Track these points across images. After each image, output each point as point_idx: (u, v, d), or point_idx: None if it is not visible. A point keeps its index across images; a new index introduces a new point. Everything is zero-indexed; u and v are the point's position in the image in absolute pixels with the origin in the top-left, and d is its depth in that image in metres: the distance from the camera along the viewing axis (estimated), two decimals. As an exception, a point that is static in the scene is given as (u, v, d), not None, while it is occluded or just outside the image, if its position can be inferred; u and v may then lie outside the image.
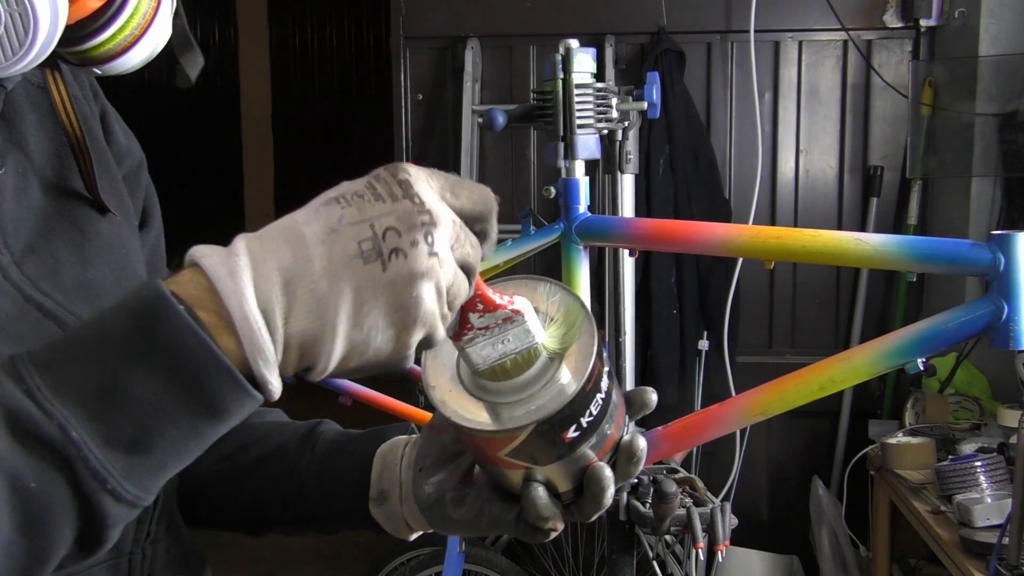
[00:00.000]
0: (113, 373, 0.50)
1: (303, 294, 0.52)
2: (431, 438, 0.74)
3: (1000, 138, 2.61)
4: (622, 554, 1.75)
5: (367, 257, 0.52)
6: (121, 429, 0.50)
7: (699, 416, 1.04)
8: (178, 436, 0.52)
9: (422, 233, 0.53)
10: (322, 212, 0.53)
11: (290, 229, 0.53)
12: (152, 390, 0.50)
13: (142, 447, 0.51)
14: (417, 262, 0.52)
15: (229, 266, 0.52)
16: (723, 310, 2.86)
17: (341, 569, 3.63)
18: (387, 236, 0.52)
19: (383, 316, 0.53)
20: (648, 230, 1.29)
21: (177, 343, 0.50)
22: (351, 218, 0.53)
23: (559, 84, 1.40)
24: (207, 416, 0.52)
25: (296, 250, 0.52)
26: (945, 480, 2.09)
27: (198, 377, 0.51)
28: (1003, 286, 0.93)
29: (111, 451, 0.50)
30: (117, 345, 0.50)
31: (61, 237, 0.72)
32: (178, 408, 0.51)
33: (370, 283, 0.52)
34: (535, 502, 0.63)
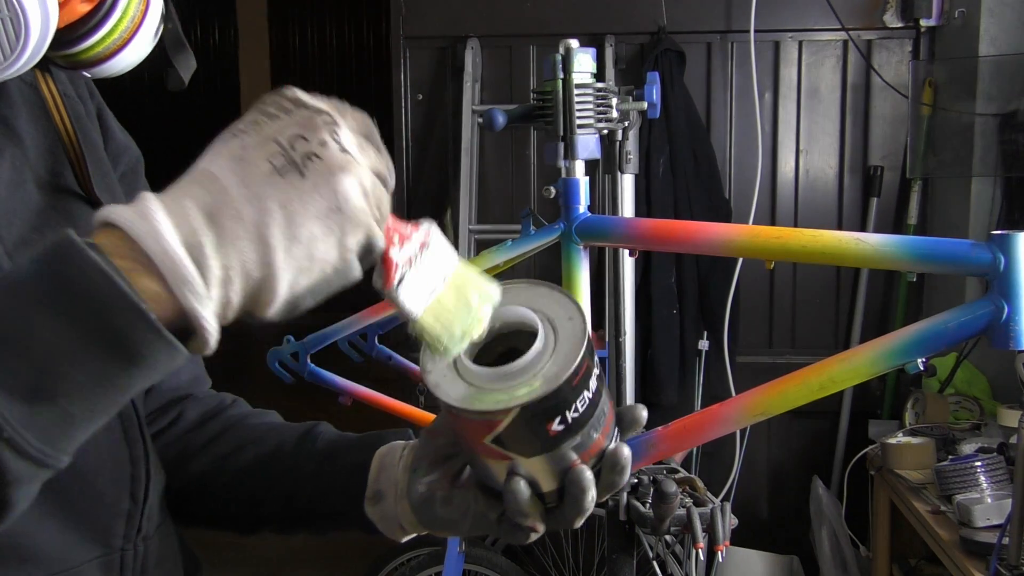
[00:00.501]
0: (14, 318, 0.47)
1: (229, 223, 0.50)
2: (428, 441, 0.74)
3: (1000, 138, 2.61)
4: (622, 554, 1.75)
5: (283, 170, 0.51)
6: (19, 374, 0.47)
7: (699, 416, 1.04)
8: (85, 382, 0.48)
9: (327, 132, 0.52)
10: (223, 148, 0.52)
11: (196, 171, 0.52)
12: (55, 332, 0.47)
13: (43, 393, 0.47)
14: (333, 159, 0.51)
15: (140, 210, 0.50)
16: (723, 310, 2.86)
17: (341, 569, 3.62)
18: (295, 144, 0.51)
19: (318, 222, 0.51)
20: (648, 230, 1.29)
21: (83, 283, 0.47)
22: (253, 142, 0.51)
23: (559, 84, 1.40)
24: (117, 359, 0.49)
25: (208, 185, 0.51)
26: (945, 480, 2.09)
27: (105, 316, 0.48)
28: (1003, 286, 0.93)
29: (8, 398, 0.47)
30: (21, 290, 0.48)
31: (54, 231, 0.71)
32: (83, 351, 0.48)
33: (294, 193, 0.50)
34: (516, 495, 0.63)
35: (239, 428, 0.89)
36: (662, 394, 2.83)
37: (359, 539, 2.72)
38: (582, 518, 0.65)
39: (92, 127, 0.84)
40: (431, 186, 3.16)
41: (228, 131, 0.53)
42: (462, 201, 2.87)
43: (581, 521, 0.65)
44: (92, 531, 0.71)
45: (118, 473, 0.74)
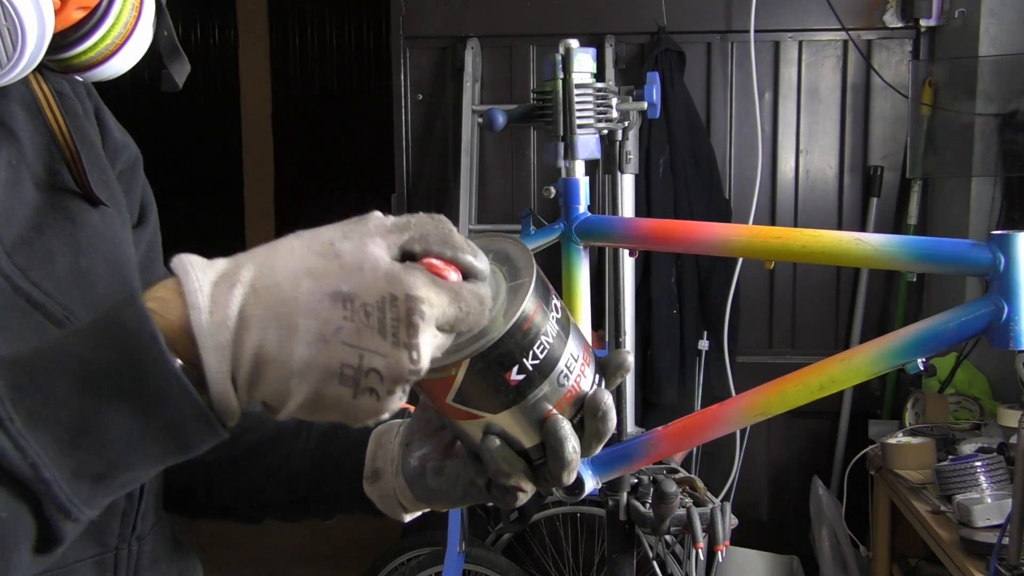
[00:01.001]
0: (90, 410, 0.49)
1: (270, 378, 0.52)
2: (420, 415, 0.75)
3: (1000, 138, 2.61)
4: (622, 554, 1.75)
5: (343, 380, 0.52)
6: (91, 465, 0.50)
7: (699, 416, 1.04)
8: (146, 469, 0.53)
9: (403, 386, 0.53)
10: (324, 308, 0.51)
11: (286, 306, 0.51)
12: (129, 430, 0.50)
13: (108, 479, 0.52)
14: (384, 407, 0.53)
15: (217, 320, 0.51)
16: (723, 310, 2.86)
17: (341, 569, 3.62)
18: (369, 375, 0.52)
19: (334, 416, 0.54)
20: (648, 230, 1.29)
21: (162, 389, 0.50)
22: (347, 337, 0.51)
23: (559, 84, 1.40)
24: (177, 453, 0.53)
25: (283, 338, 0.51)
26: (945, 480, 2.09)
27: (177, 422, 0.51)
28: (1003, 286, 0.93)
29: (78, 484, 0.50)
30: (97, 379, 0.50)
31: (53, 228, 0.72)
32: (151, 447, 0.52)
33: (335, 399, 0.52)
34: (490, 452, 0.61)
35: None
36: (662, 394, 2.83)
37: (359, 539, 2.73)
38: (569, 472, 0.62)
39: (89, 125, 0.84)
40: (431, 186, 3.16)
41: (349, 286, 0.52)
42: (462, 201, 2.87)
43: (570, 476, 0.63)
44: (86, 530, 0.71)
45: None
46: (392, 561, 2.84)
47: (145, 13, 0.76)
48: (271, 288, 0.52)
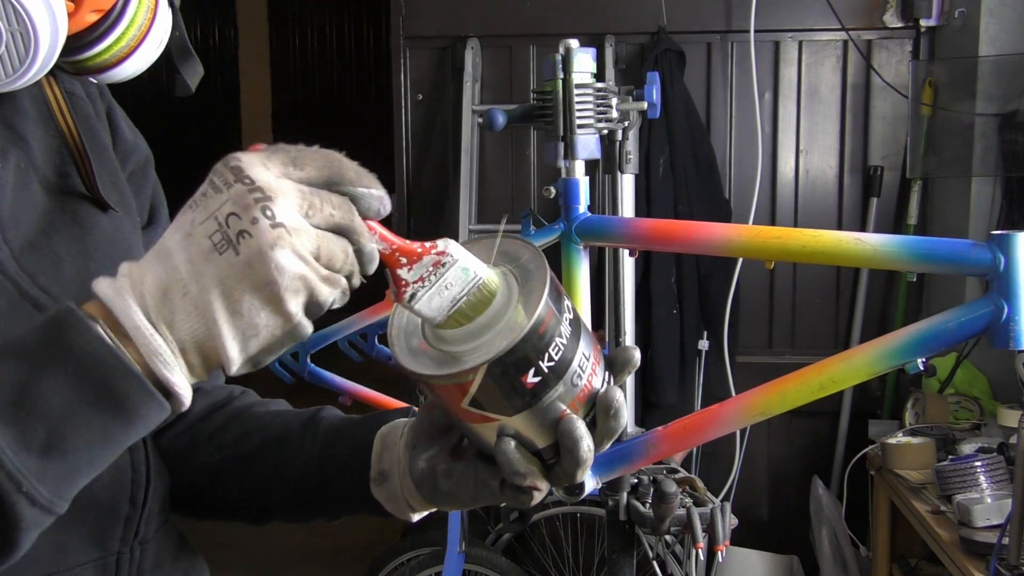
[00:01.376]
0: (27, 380, 0.52)
1: (178, 300, 0.55)
2: (425, 416, 0.74)
3: (1000, 138, 2.61)
4: (622, 554, 1.75)
5: (220, 247, 0.55)
6: (34, 432, 0.52)
7: (699, 416, 1.04)
8: (90, 438, 0.54)
9: (259, 209, 0.54)
10: (180, 221, 0.57)
11: (160, 245, 0.57)
12: (64, 394, 0.53)
13: (55, 450, 0.53)
14: (262, 236, 0.54)
15: (115, 288, 0.55)
16: (723, 310, 2.86)
17: (341, 569, 3.62)
18: (230, 222, 0.54)
19: (255, 294, 0.55)
20: (648, 230, 1.29)
21: (88, 350, 0.53)
22: (200, 217, 0.55)
23: (559, 84, 1.40)
24: (118, 418, 0.54)
25: (164, 262, 0.56)
26: (945, 480, 2.09)
27: (108, 381, 0.53)
28: (1003, 286, 0.93)
29: (25, 454, 0.52)
30: (30, 354, 0.53)
31: (62, 233, 0.73)
32: (90, 411, 0.53)
33: (230, 270, 0.54)
34: (507, 456, 0.63)
35: (245, 417, 0.89)
36: (662, 394, 2.83)
37: (359, 539, 2.73)
38: (583, 470, 0.64)
39: (101, 127, 0.84)
40: (431, 186, 3.16)
41: (191, 199, 0.57)
42: (462, 201, 2.87)
43: (583, 473, 0.64)
44: (89, 534, 0.72)
45: (118, 477, 0.74)
46: (392, 561, 2.84)
47: (160, 15, 0.76)
48: (151, 251, 0.57)
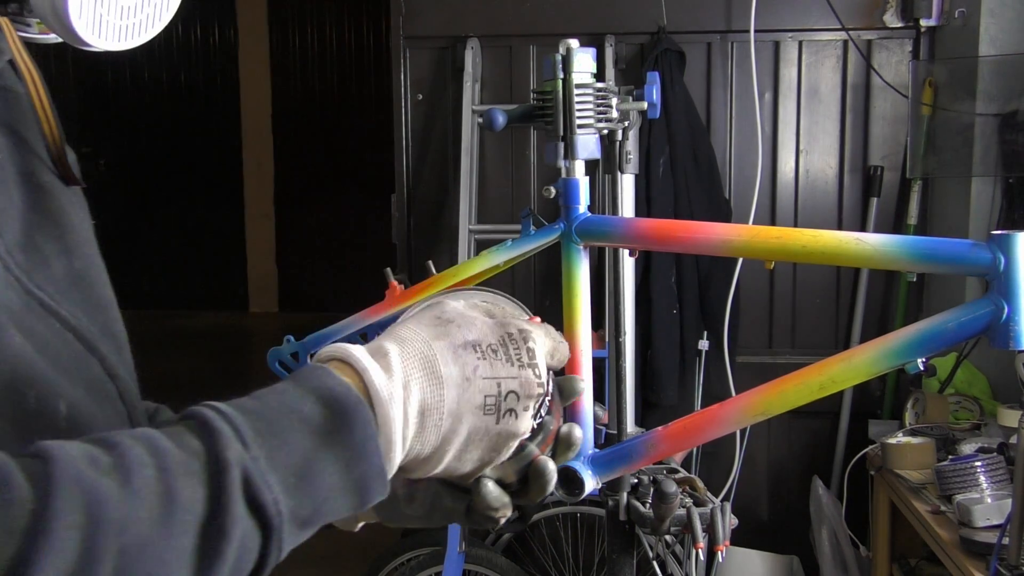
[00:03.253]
0: (311, 458, 0.56)
1: (430, 425, 0.61)
2: None
3: (1000, 138, 2.61)
4: (622, 554, 1.75)
5: (488, 410, 0.63)
6: (304, 509, 0.56)
7: (699, 416, 1.04)
8: (333, 516, 0.59)
9: (534, 403, 0.65)
10: (460, 357, 0.63)
11: (431, 363, 0.62)
12: (333, 479, 0.57)
13: (308, 526, 0.57)
14: (522, 425, 0.64)
15: (389, 391, 0.60)
16: (723, 310, 2.86)
17: (341, 569, 3.62)
18: (508, 397, 0.63)
19: (480, 453, 0.64)
20: (648, 230, 1.29)
21: (363, 446, 0.58)
22: (484, 372, 0.63)
23: (559, 84, 1.40)
24: (358, 505, 0.60)
25: (434, 387, 0.62)
26: (945, 480, 2.09)
27: (366, 480, 0.59)
28: (1003, 286, 0.93)
29: (292, 524, 0.55)
30: (318, 432, 0.57)
31: (41, 231, 0.69)
32: (343, 498, 0.58)
33: (483, 430, 0.63)
34: (487, 497, 0.69)
35: None
36: (662, 394, 2.83)
37: (359, 539, 2.73)
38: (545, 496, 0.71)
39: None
40: (431, 186, 3.16)
41: (473, 337, 0.64)
42: (462, 201, 2.87)
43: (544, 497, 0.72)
44: None
45: None
46: (392, 561, 2.84)
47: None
48: (413, 353, 0.62)
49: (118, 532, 0.47)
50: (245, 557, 0.53)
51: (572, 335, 1.38)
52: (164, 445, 0.51)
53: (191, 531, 0.50)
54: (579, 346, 1.39)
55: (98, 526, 0.46)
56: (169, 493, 0.49)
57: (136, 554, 0.47)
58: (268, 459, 0.54)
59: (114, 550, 0.46)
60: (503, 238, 1.48)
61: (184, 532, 0.50)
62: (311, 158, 7.66)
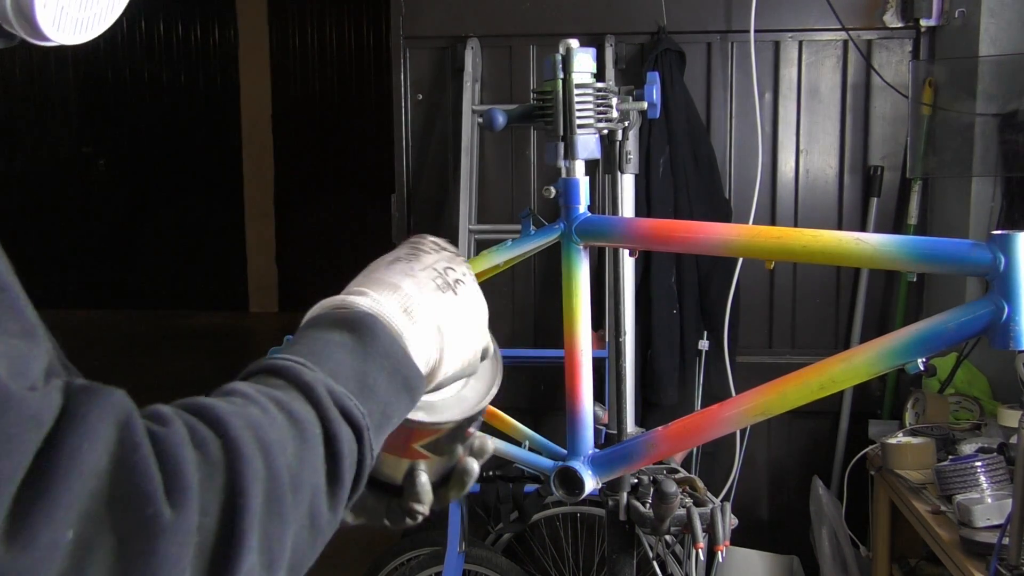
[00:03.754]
0: (362, 371, 0.65)
1: (420, 318, 0.70)
2: None
3: (1000, 138, 2.61)
4: (622, 554, 1.75)
5: (442, 288, 0.72)
6: (374, 414, 0.64)
7: (699, 416, 1.04)
8: (397, 417, 0.68)
9: (465, 267, 0.75)
10: (393, 267, 0.73)
11: (376, 280, 0.72)
12: (386, 384, 0.66)
13: (383, 427, 0.66)
14: (472, 285, 0.75)
15: (379, 305, 0.70)
16: (723, 310, 2.86)
17: (341, 569, 3.62)
18: (447, 273, 0.73)
19: (470, 330, 0.74)
20: (648, 230, 1.29)
21: (396, 355, 0.67)
22: (419, 267, 0.73)
23: (559, 84, 1.40)
24: (412, 400, 0.69)
25: (395, 291, 0.71)
26: (945, 480, 2.09)
27: (409, 377, 0.68)
28: (1003, 286, 0.93)
29: (374, 429, 0.63)
30: (357, 351, 0.65)
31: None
32: (401, 396, 0.67)
33: (453, 307, 0.72)
34: (422, 488, 0.78)
35: None
36: (662, 394, 2.83)
37: (359, 539, 2.72)
38: (461, 495, 0.81)
39: None
40: (431, 186, 3.16)
41: (393, 255, 0.75)
42: (462, 201, 2.87)
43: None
44: None
45: None
46: (392, 561, 2.84)
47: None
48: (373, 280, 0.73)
49: (280, 452, 0.55)
50: (352, 459, 0.61)
51: (572, 335, 1.39)
52: (262, 388, 0.59)
53: (318, 441, 0.58)
54: (579, 346, 1.39)
55: (268, 449, 0.54)
56: (290, 414, 0.58)
57: (297, 465, 0.56)
58: (333, 378, 0.62)
59: (284, 466, 0.55)
60: (503, 238, 1.48)
61: (314, 443, 0.58)
62: (311, 158, 7.66)
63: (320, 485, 0.58)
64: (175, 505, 0.48)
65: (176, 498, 0.48)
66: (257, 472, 0.52)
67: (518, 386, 3.09)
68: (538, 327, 3.09)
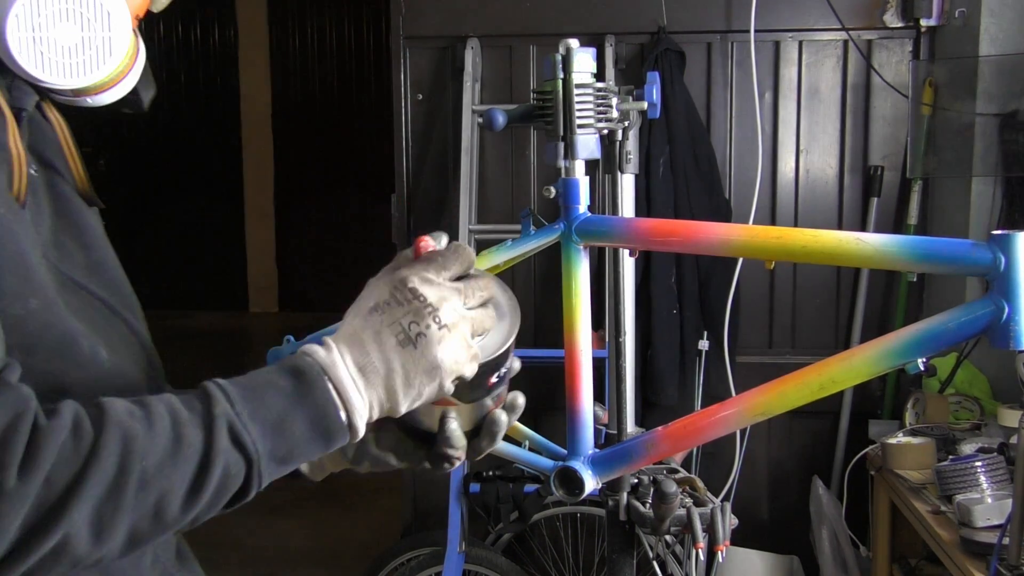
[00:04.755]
0: (285, 414, 0.75)
1: (371, 374, 0.79)
2: None
3: (1000, 138, 2.61)
4: (622, 554, 1.75)
5: (403, 343, 0.79)
6: (280, 450, 0.76)
7: (699, 416, 1.04)
8: (305, 456, 0.78)
9: (430, 318, 0.80)
10: (369, 321, 0.80)
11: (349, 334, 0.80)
12: (304, 430, 0.76)
13: (286, 463, 0.77)
14: (432, 337, 0.79)
15: (331, 360, 0.78)
16: (723, 310, 2.86)
17: (341, 569, 3.62)
18: (411, 327, 0.79)
19: (425, 376, 0.79)
20: (648, 230, 1.29)
21: (325, 408, 0.77)
22: (387, 321, 0.80)
23: (559, 84, 1.40)
24: (324, 449, 0.78)
25: (360, 349, 0.79)
26: (945, 480, 2.09)
27: (331, 430, 0.77)
28: (1003, 286, 0.93)
29: (270, 462, 0.75)
30: (289, 395, 0.76)
31: (65, 232, 0.87)
32: (313, 443, 0.77)
33: (410, 359, 0.79)
34: (453, 433, 0.86)
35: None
36: (662, 394, 2.83)
37: (359, 539, 2.73)
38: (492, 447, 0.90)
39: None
40: (431, 186, 3.16)
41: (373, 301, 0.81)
42: (462, 201, 2.87)
43: (490, 450, 0.91)
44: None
45: None
46: (392, 561, 2.84)
47: (141, 47, 0.91)
48: (342, 335, 0.81)
49: (142, 457, 0.69)
50: (232, 479, 0.73)
51: (572, 335, 1.38)
52: (177, 406, 0.73)
53: (192, 460, 0.72)
54: (579, 346, 1.39)
55: (130, 454, 0.69)
56: (178, 434, 0.72)
57: (154, 472, 0.70)
58: (250, 414, 0.74)
59: (139, 469, 0.69)
60: (503, 238, 1.48)
61: (187, 460, 0.71)
62: (311, 158, 7.66)
63: (175, 490, 0.71)
64: (23, 477, 0.65)
65: (26, 471, 0.65)
66: (107, 468, 0.68)
67: (518, 386, 3.09)
68: (538, 327, 3.09)
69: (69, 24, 0.82)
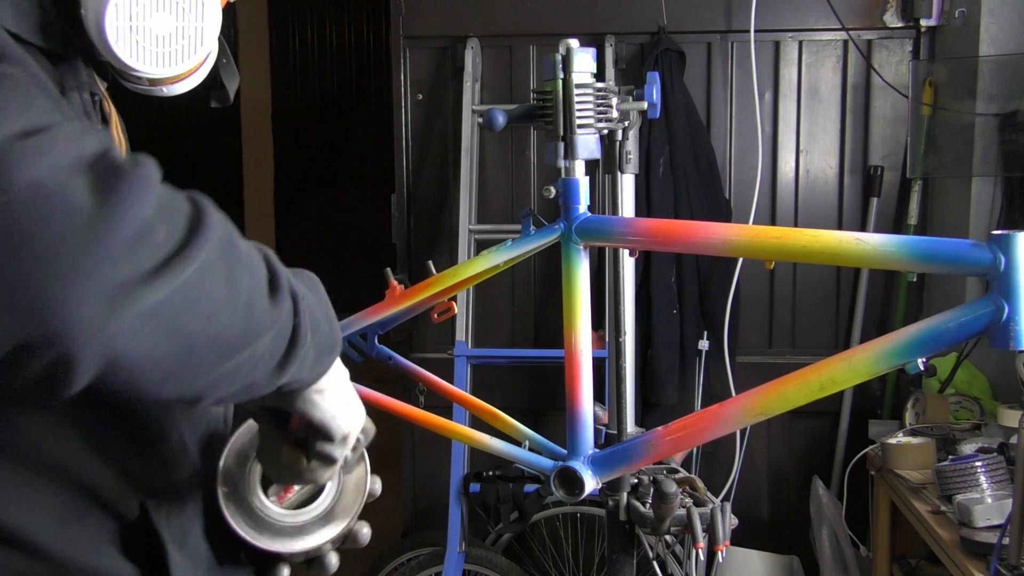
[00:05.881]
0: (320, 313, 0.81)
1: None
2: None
3: (1000, 138, 2.61)
4: (622, 554, 1.75)
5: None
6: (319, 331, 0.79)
7: (699, 416, 1.04)
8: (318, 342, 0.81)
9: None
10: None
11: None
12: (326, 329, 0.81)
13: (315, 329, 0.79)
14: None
15: None
16: (723, 310, 2.86)
17: (341, 569, 3.61)
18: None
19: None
20: (648, 230, 1.29)
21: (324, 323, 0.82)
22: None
23: (559, 84, 1.40)
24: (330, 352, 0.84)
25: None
26: (945, 480, 2.09)
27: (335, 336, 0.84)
28: (1003, 286, 0.93)
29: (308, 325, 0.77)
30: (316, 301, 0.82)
31: None
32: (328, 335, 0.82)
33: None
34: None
35: None
36: (662, 394, 2.83)
37: (359, 539, 2.64)
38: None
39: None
40: (431, 186, 3.16)
41: None
42: (462, 201, 2.87)
43: None
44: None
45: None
46: (392, 561, 2.84)
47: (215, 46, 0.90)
48: None
49: (241, 252, 0.73)
50: (283, 326, 0.74)
51: (572, 335, 1.39)
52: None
53: (261, 268, 0.74)
54: (579, 346, 1.39)
55: (233, 242, 0.72)
56: (253, 258, 0.74)
57: (248, 263, 0.72)
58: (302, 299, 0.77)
59: (243, 248, 0.73)
60: (503, 238, 1.48)
61: (259, 266, 0.74)
62: (311, 158, 7.66)
63: (260, 289, 0.72)
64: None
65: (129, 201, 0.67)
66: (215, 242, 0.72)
67: (518, 386, 3.09)
68: (538, 327, 3.09)
69: (165, 13, 0.83)
